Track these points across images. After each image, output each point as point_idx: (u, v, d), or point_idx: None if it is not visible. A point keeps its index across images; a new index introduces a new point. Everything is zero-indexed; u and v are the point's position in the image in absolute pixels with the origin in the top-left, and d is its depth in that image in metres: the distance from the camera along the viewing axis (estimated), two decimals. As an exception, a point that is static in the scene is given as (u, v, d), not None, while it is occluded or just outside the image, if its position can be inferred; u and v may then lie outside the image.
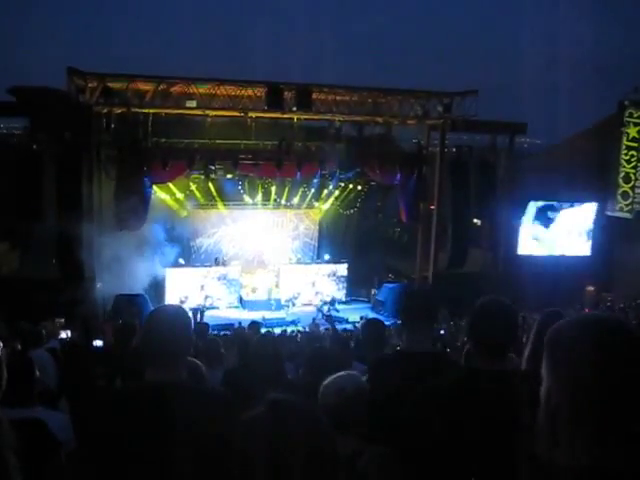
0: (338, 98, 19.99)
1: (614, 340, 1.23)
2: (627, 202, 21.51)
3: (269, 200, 23.18)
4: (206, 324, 7.76)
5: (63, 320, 14.23)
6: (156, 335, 2.25)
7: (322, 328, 15.11)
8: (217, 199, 22.22)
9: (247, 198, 22.70)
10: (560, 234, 21.84)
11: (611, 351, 1.21)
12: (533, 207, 21.50)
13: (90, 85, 17.49)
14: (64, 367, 6.16)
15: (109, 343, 7.97)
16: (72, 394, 4.52)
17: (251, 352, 3.73)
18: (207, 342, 6.51)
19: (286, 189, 22.79)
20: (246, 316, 19.52)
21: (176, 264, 21.20)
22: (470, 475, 2.35)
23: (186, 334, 2.30)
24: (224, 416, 2.15)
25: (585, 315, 1.37)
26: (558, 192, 21.03)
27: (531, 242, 21.68)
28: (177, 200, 21.46)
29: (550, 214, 21.66)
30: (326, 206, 23.96)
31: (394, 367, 3.01)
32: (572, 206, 21.78)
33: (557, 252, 21.73)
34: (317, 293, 22.08)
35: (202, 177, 20.83)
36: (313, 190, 22.91)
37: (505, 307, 2.61)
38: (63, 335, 11.49)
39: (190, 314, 2.41)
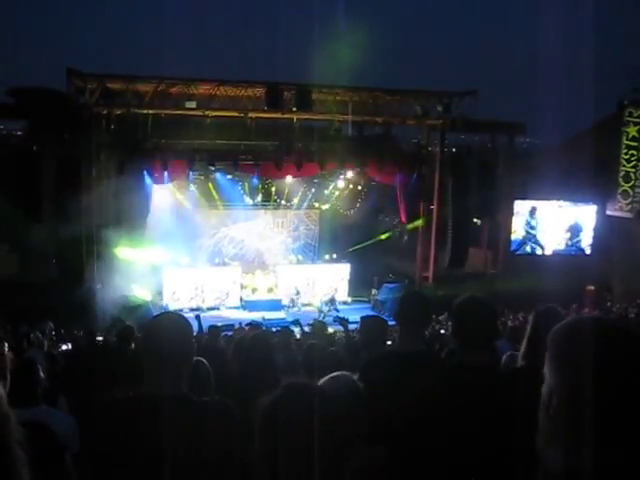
0: (338, 98, 20.00)
1: (618, 342, 1.23)
2: (627, 201, 21.49)
3: (269, 200, 23.20)
4: (216, 327, 7.70)
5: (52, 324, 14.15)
6: (155, 346, 2.20)
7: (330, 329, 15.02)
8: (217, 200, 22.22)
9: (247, 198, 22.70)
10: (556, 232, 21.87)
11: (615, 353, 1.21)
12: (530, 206, 21.51)
13: (90, 86, 17.51)
14: (67, 370, 6.18)
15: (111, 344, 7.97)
16: (73, 396, 4.52)
17: (243, 351, 3.71)
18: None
19: (286, 189, 22.80)
20: (246, 316, 19.54)
21: (176, 265, 21.22)
22: (469, 473, 2.35)
23: (186, 345, 2.24)
24: (223, 428, 2.15)
25: (588, 316, 1.37)
26: (558, 191, 21.04)
27: (526, 240, 21.72)
28: (177, 201, 21.45)
29: (547, 213, 21.68)
30: (326, 206, 23.97)
31: (384, 366, 3.04)
32: (573, 205, 21.82)
33: (551, 251, 21.78)
34: (318, 293, 22.04)
35: (202, 177, 20.83)
36: (313, 190, 22.92)
37: (482, 303, 2.67)
38: (64, 347, 11.45)
39: (192, 315, 2.40)
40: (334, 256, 23.56)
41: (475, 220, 22.28)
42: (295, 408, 1.42)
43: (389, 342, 4.95)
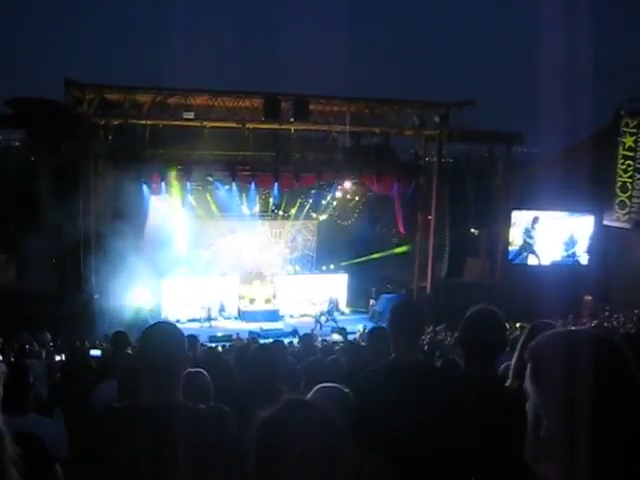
0: (335, 108, 20.05)
1: (605, 357, 1.21)
2: (624, 212, 21.51)
3: (267, 211, 23.20)
4: (193, 336, 7.66)
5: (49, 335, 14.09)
6: (150, 355, 2.23)
7: (320, 339, 15.06)
8: (215, 210, 22.20)
9: (245, 209, 22.70)
10: (553, 243, 21.87)
11: (604, 369, 1.19)
12: (527, 216, 21.52)
13: (88, 96, 17.53)
14: (63, 380, 6.15)
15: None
16: (68, 407, 4.49)
17: (247, 363, 3.68)
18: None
19: (284, 200, 22.81)
20: (244, 327, 19.54)
21: (174, 275, 21.19)
22: (469, 477, 2.35)
23: (180, 353, 2.26)
24: (220, 435, 2.15)
25: (572, 331, 1.34)
26: (555, 202, 21.04)
27: (523, 250, 21.72)
28: (175, 211, 21.41)
29: (544, 223, 21.68)
30: (324, 217, 23.96)
31: (378, 378, 3.03)
32: (569, 216, 21.84)
33: (549, 261, 21.78)
34: (315, 304, 21.98)
35: (200, 188, 20.83)
36: (311, 201, 22.93)
37: (493, 315, 2.67)
38: (57, 358, 11.38)
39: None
40: (331, 267, 23.55)
41: (473, 230, 22.30)
42: (293, 424, 1.41)
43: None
